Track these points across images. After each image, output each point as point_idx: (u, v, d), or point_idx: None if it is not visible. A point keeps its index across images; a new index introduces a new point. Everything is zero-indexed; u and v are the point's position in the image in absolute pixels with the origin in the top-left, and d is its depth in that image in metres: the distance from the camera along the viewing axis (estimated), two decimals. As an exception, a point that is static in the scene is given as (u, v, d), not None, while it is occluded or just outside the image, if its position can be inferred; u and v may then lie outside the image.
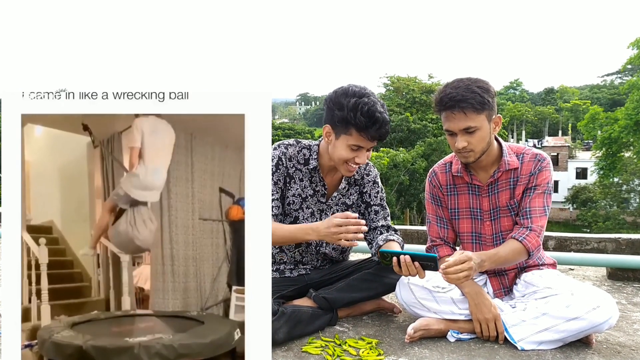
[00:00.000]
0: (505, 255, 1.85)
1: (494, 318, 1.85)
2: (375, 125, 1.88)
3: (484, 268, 1.82)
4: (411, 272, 1.79)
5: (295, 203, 2.11)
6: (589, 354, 1.77)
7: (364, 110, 1.86)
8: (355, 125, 1.88)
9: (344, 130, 1.93)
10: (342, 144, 1.94)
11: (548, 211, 1.93)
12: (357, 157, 1.95)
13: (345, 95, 1.91)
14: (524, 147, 1.98)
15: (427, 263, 1.77)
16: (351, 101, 1.88)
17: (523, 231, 1.89)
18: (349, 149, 1.94)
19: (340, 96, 1.92)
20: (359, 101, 1.87)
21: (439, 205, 2.09)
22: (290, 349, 1.83)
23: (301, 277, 2.17)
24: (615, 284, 2.78)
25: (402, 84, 29.95)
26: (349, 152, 1.94)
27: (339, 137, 1.96)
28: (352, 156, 1.95)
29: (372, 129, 1.88)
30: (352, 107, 1.87)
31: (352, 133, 1.91)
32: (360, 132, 1.89)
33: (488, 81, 1.84)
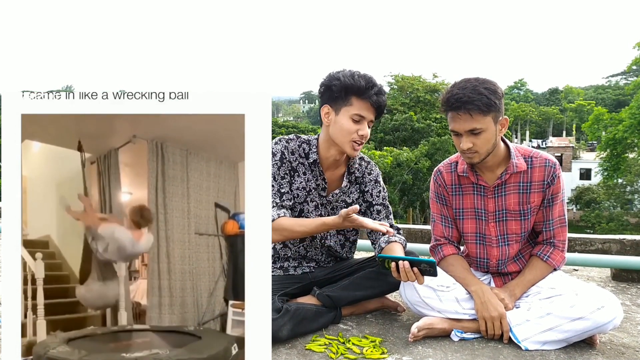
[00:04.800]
0: (533, 277, 1.96)
1: (500, 317, 1.86)
2: (374, 87, 1.97)
3: (518, 296, 1.95)
4: (410, 278, 1.80)
5: (300, 196, 2.11)
6: (592, 354, 1.77)
7: (360, 74, 1.99)
8: (355, 89, 1.96)
9: (343, 102, 1.98)
10: (344, 117, 1.98)
11: (566, 217, 1.99)
12: (360, 129, 1.98)
13: (338, 71, 2.03)
14: (531, 149, 1.97)
15: (426, 268, 1.77)
16: (346, 71, 2.01)
17: (547, 249, 1.97)
18: (351, 120, 1.97)
19: (333, 73, 2.04)
20: (354, 70, 2.01)
21: (443, 205, 2.09)
22: (294, 347, 1.84)
23: (305, 275, 2.17)
24: (619, 285, 2.77)
25: (406, 83, 29.92)
26: (351, 124, 1.97)
27: (339, 112, 1.99)
28: (355, 128, 1.98)
29: (372, 91, 1.96)
30: (349, 74, 1.98)
31: (353, 102, 1.97)
32: (361, 96, 1.96)
33: (496, 82, 1.83)
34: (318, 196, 2.14)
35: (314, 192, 2.13)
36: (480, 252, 2.05)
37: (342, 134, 1.99)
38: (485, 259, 2.04)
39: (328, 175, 2.14)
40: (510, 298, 1.92)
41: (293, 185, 2.11)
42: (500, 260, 2.02)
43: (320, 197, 2.15)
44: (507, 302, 1.90)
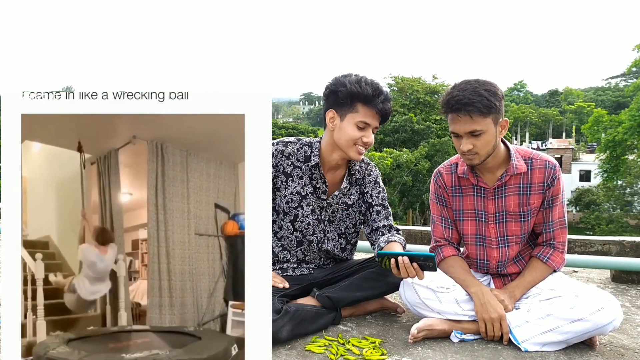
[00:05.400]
0: (532, 279, 1.96)
1: (500, 318, 1.86)
2: (381, 95, 1.96)
3: (518, 297, 1.95)
4: (410, 274, 1.80)
5: (294, 201, 2.12)
6: (592, 356, 1.77)
7: (367, 81, 1.97)
8: (362, 97, 1.94)
9: (349, 108, 1.97)
10: (349, 123, 1.98)
11: (566, 218, 2.00)
12: (364, 136, 1.98)
13: (345, 76, 2.01)
14: (531, 151, 1.97)
15: (425, 263, 1.78)
16: (352, 77, 1.99)
17: (546, 250, 1.97)
18: (356, 127, 1.97)
19: (340, 78, 2.02)
20: (360, 76, 1.99)
21: (443, 206, 2.09)
22: (294, 348, 1.84)
23: (304, 276, 2.18)
24: (619, 287, 2.77)
25: (406, 85, 29.95)
26: (356, 131, 1.98)
27: (344, 118, 1.99)
28: (359, 135, 1.98)
29: (378, 99, 1.95)
30: (355, 81, 1.96)
31: (359, 108, 1.96)
32: (367, 104, 1.95)
33: (496, 84, 1.83)
34: (316, 199, 2.14)
35: (311, 196, 2.13)
36: (480, 253, 2.05)
37: (347, 140, 1.99)
38: (485, 261, 2.04)
39: (329, 177, 2.14)
40: (510, 299, 1.92)
41: (286, 189, 2.11)
42: (500, 262, 2.02)
43: (320, 200, 2.15)
44: (507, 304, 1.90)
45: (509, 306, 1.89)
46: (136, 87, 1.46)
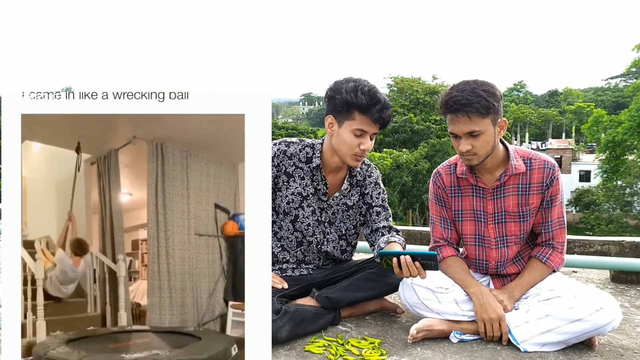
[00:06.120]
0: (531, 279, 1.96)
1: (499, 318, 1.86)
2: (378, 105, 1.93)
3: (517, 297, 1.95)
4: (412, 273, 1.80)
5: (294, 202, 2.12)
6: (591, 356, 1.77)
7: (364, 90, 1.92)
8: (358, 106, 1.92)
9: (347, 116, 1.96)
10: (346, 130, 1.97)
11: (565, 219, 2.00)
12: (362, 143, 1.97)
13: (344, 81, 1.98)
14: (530, 151, 1.97)
15: (427, 262, 1.78)
16: (350, 84, 1.95)
17: (545, 250, 1.97)
18: (353, 134, 1.96)
19: (339, 83, 1.99)
20: (359, 83, 1.95)
21: (442, 206, 2.09)
22: (293, 348, 1.84)
23: (304, 277, 2.18)
24: (618, 287, 2.78)
25: (406, 85, 29.94)
26: (353, 138, 1.96)
27: (342, 125, 1.98)
28: (357, 142, 1.97)
29: (375, 108, 1.92)
30: (352, 88, 1.93)
31: (355, 116, 1.94)
32: (363, 113, 1.92)
33: (494, 84, 1.83)
34: (317, 200, 2.14)
35: (312, 197, 2.13)
36: (479, 253, 2.05)
37: (344, 146, 1.99)
38: (484, 261, 2.05)
39: (330, 179, 2.14)
40: (509, 300, 1.92)
41: (287, 190, 2.11)
42: (499, 262, 2.02)
43: (320, 202, 2.15)
44: (506, 304, 1.90)
45: (508, 306, 1.90)
46: (136, 87, 1.45)
